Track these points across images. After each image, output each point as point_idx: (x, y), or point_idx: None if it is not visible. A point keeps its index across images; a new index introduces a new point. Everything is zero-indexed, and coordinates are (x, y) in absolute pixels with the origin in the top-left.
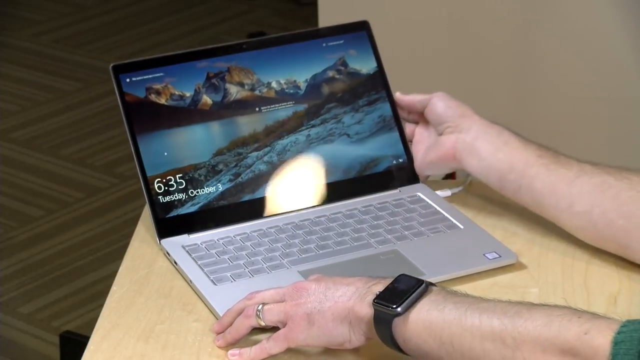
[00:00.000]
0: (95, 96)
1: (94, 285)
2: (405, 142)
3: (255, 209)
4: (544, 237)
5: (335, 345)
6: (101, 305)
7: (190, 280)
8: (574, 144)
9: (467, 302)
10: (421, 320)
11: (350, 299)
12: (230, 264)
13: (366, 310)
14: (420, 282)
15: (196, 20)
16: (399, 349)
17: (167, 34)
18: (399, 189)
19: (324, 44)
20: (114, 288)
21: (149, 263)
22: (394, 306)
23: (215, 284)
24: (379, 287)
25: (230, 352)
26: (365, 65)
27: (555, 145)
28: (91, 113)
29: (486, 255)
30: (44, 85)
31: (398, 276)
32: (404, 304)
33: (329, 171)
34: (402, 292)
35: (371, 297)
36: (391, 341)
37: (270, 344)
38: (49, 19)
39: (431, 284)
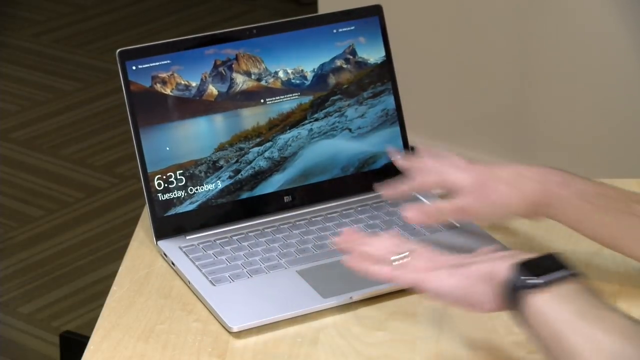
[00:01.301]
0: (95, 96)
1: (94, 285)
2: (405, 137)
3: (252, 208)
4: (544, 237)
5: (468, 305)
6: (101, 305)
7: (189, 281)
8: (574, 143)
9: (594, 305)
10: (547, 304)
11: (495, 261)
12: (228, 264)
13: (506, 273)
14: (567, 266)
15: (196, 21)
16: (521, 321)
17: (167, 34)
18: None
19: (335, 30)
20: (114, 288)
21: (149, 263)
22: (532, 276)
23: (214, 285)
24: (526, 257)
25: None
26: (373, 54)
27: (555, 144)
28: (91, 113)
29: None
30: (44, 85)
31: (549, 253)
32: (542, 277)
33: (327, 168)
34: (546, 267)
35: (515, 261)
36: (516, 310)
37: (402, 272)
38: (49, 19)
39: (576, 274)
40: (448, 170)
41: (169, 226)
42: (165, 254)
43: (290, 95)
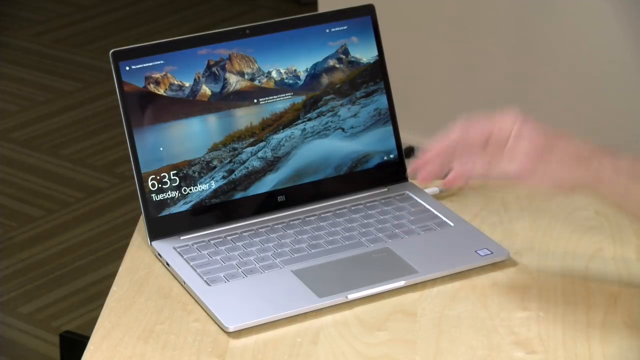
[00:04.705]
0: (95, 96)
1: (94, 285)
2: (398, 137)
3: (246, 208)
4: (544, 237)
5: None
6: (101, 305)
7: (184, 282)
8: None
9: None
10: None
11: None
12: (223, 264)
13: None
14: None
15: (196, 20)
16: None
17: (167, 34)
18: (387, 187)
19: (328, 30)
20: (114, 288)
21: (149, 263)
22: None
23: (209, 285)
24: None
25: None
26: (365, 54)
27: None
28: (91, 113)
29: (478, 252)
30: (44, 85)
31: None
32: None
33: (320, 168)
34: None
35: None
36: None
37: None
38: (49, 19)
39: None
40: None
41: (163, 227)
42: (159, 255)
43: (284, 95)
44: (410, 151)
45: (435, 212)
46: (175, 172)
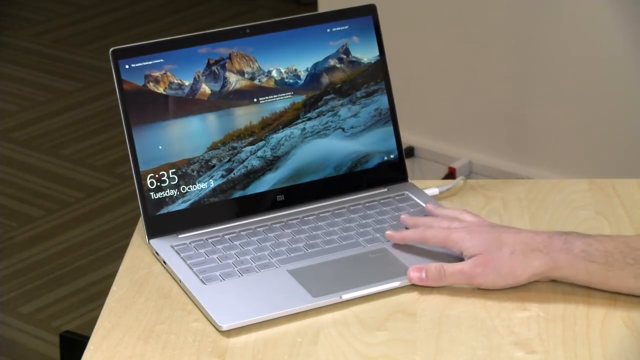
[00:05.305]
0: (95, 96)
1: (94, 285)
2: (399, 137)
3: (245, 207)
4: None
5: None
6: (101, 305)
7: (180, 280)
8: (573, 143)
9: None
10: None
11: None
12: (219, 263)
13: None
14: None
15: (196, 21)
16: None
17: (167, 34)
18: (387, 187)
19: (329, 30)
20: (114, 288)
21: (149, 263)
22: None
23: (205, 283)
24: None
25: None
26: (367, 54)
27: (555, 144)
28: (91, 113)
29: None
30: (44, 85)
31: None
32: None
33: (320, 168)
34: None
35: None
36: None
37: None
38: (49, 19)
39: None
40: (455, 234)
41: (162, 225)
42: (157, 253)
43: (284, 94)
44: (411, 151)
45: None
46: (174, 170)
